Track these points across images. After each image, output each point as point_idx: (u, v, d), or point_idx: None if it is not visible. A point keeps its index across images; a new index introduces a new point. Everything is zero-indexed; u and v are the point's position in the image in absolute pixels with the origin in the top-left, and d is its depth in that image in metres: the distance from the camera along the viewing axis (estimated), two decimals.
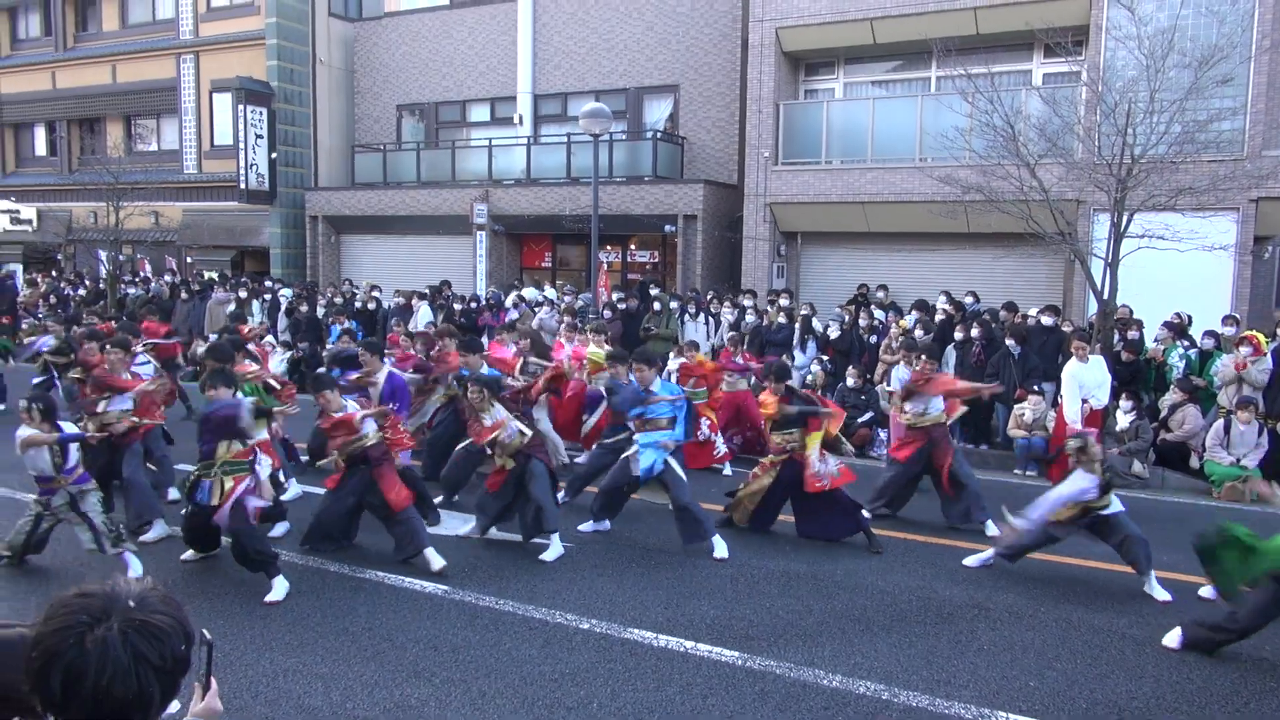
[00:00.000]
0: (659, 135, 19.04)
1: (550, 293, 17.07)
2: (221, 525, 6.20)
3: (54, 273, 23.45)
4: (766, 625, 5.79)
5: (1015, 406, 10.85)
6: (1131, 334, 11.37)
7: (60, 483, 6.41)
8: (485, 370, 8.38)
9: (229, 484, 6.16)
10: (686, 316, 14.05)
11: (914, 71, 16.92)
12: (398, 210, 21.03)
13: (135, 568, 6.50)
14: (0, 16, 26.52)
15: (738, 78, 18.19)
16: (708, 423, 9.95)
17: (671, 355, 11.12)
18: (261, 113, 21.51)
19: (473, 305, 15.86)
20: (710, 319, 13.99)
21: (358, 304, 16.18)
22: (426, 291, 16.28)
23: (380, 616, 5.82)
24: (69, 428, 6.59)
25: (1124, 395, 10.47)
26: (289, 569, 6.39)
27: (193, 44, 23.22)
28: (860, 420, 11.29)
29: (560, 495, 7.65)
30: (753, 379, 10.40)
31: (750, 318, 13.81)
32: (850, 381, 11.52)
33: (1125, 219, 10.57)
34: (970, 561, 6.99)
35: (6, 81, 26.45)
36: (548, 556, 6.92)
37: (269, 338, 11.54)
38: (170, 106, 23.89)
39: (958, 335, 11.79)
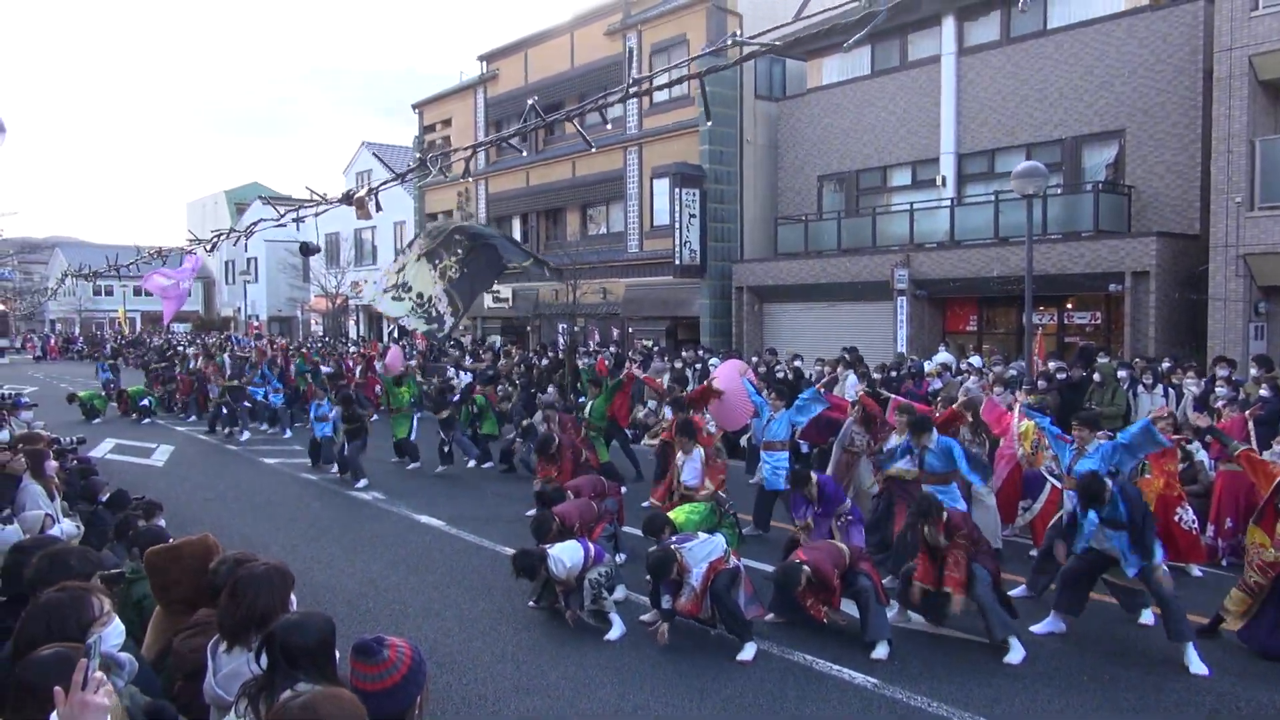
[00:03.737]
0: (1101, 186, 17.45)
1: (975, 360, 16.21)
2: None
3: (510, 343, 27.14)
4: None
5: None
6: None
7: None
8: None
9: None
10: (1141, 388, 12.51)
11: None
12: (818, 278, 21.46)
13: (616, 628, 7.02)
14: (490, 129, 31.74)
15: (1198, 116, 16.15)
16: (1191, 511, 8.59)
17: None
18: (694, 194, 23.32)
19: (893, 374, 15.55)
20: (1170, 391, 12.33)
21: (779, 373, 16.62)
22: (849, 358, 16.26)
23: (809, 705, 5.80)
24: None
25: None
26: (716, 641, 6.64)
27: (637, 137, 25.93)
28: None
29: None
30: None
31: (1222, 389, 11.92)
32: None
33: None
34: None
35: (494, 182, 31.57)
36: (1011, 659, 6.42)
37: None
38: (618, 194, 26.84)
39: None
